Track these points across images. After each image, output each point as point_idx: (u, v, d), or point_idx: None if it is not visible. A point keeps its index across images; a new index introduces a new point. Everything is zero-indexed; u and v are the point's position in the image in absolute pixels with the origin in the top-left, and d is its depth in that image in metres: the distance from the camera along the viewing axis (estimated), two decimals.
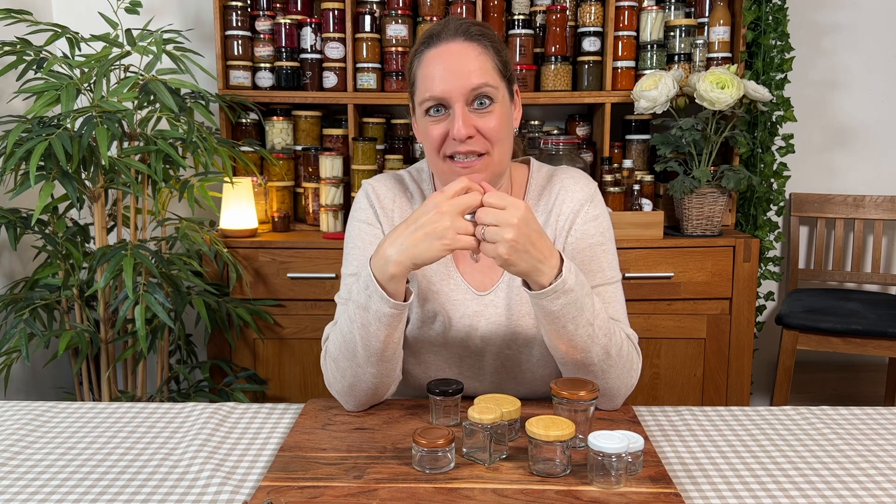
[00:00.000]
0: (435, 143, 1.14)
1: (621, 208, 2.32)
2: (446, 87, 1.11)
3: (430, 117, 1.14)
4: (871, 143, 2.72)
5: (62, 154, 1.73)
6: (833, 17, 2.66)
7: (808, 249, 2.78)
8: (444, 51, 1.13)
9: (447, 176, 1.15)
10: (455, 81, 1.11)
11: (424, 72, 1.14)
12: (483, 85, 1.12)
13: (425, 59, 1.15)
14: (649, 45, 2.39)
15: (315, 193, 2.42)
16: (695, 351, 2.24)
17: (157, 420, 1.16)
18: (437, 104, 1.13)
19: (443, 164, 1.15)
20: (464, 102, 1.12)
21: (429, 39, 1.16)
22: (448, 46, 1.13)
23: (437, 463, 0.95)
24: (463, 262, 1.24)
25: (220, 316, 2.11)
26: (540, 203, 1.26)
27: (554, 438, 0.90)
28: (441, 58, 1.13)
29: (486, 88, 1.12)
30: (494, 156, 1.14)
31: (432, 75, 1.13)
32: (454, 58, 1.12)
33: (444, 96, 1.12)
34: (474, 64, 1.12)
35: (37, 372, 2.39)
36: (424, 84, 1.14)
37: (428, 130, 1.15)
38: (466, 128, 1.11)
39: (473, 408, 0.97)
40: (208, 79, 2.50)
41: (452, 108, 1.12)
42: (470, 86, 1.11)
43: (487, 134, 1.13)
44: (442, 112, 1.13)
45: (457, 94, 1.11)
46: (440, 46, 1.14)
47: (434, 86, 1.12)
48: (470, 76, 1.11)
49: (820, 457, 1.03)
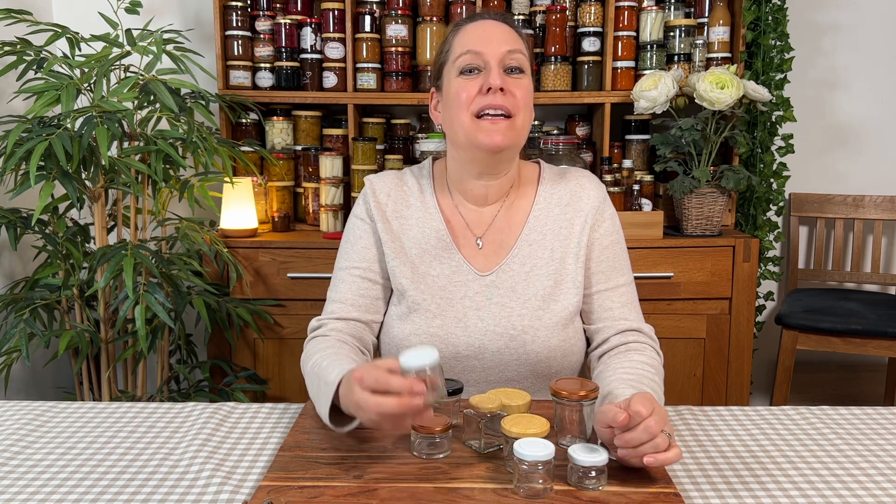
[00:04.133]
0: (467, 99, 1.19)
1: (621, 208, 2.32)
2: (484, 47, 1.19)
3: (465, 76, 1.21)
4: (870, 143, 2.73)
5: (62, 154, 1.73)
6: (833, 17, 2.66)
7: (807, 249, 2.78)
8: (482, 24, 1.24)
9: (473, 134, 1.19)
10: (493, 42, 1.20)
11: (462, 37, 1.23)
12: (517, 51, 1.21)
13: (464, 29, 1.24)
14: (649, 45, 2.39)
15: (315, 193, 2.42)
16: (694, 351, 2.25)
17: (157, 420, 1.16)
18: (473, 66, 1.20)
19: (470, 122, 1.20)
20: (499, 63, 1.19)
21: (468, 18, 1.26)
22: (487, 22, 1.24)
23: (435, 449, 0.98)
24: (465, 245, 1.27)
25: (220, 316, 2.11)
26: (553, 197, 1.30)
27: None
28: (479, 28, 1.23)
29: (519, 55, 1.21)
30: (517, 122, 1.20)
31: (471, 37, 1.22)
32: (491, 28, 1.22)
33: (482, 52, 1.19)
34: (511, 37, 1.22)
35: (37, 372, 2.39)
36: (462, 44, 1.22)
37: (461, 88, 1.20)
38: (502, 79, 1.18)
39: (475, 397, 1.00)
40: (208, 79, 2.50)
41: (488, 66, 1.19)
42: (506, 48, 1.20)
43: (517, 96, 1.20)
44: (476, 73, 1.20)
45: (494, 53, 1.19)
46: (480, 22, 1.24)
47: (472, 43, 1.20)
48: (506, 43, 1.20)
49: (820, 457, 1.03)
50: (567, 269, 1.25)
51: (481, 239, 1.27)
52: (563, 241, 1.26)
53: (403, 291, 1.24)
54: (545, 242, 1.26)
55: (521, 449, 0.87)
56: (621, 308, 1.26)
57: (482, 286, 1.24)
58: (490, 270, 1.25)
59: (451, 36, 1.26)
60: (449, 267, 1.25)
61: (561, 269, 1.25)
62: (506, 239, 1.27)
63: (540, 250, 1.26)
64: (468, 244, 1.27)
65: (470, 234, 1.28)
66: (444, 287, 1.24)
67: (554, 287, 1.24)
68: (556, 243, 1.26)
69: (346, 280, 1.27)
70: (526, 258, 1.25)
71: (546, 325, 1.22)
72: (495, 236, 1.27)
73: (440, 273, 1.25)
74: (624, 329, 1.25)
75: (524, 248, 1.26)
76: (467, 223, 1.28)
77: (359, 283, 1.27)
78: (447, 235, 1.27)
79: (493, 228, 1.28)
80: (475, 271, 1.25)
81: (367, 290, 1.27)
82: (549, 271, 1.24)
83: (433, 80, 1.29)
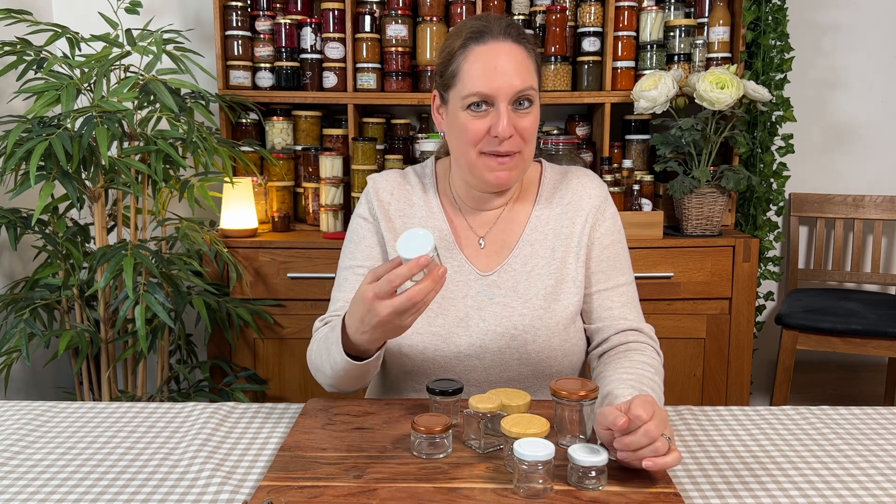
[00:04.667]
0: (473, 137, 1.17)
1: (621, 208, 2.32)
2: (494, 86, 1.14)
3: (472, 112, 1.17)
4: (870, 143, 2.73)
5: (62, 154, 1.73)
6: (833, 17, 2.66)
7: (807, 249, 2.78)
8: (494, 49, 1.16)
9: (479, 171, 1.19)
10: (504, 81, 1.14)
11: (471, 66, 1.16)
12: (528, 88, 1.16)
13: (472, 53, 1.16)
14: (649, 45, 2.39)
15: (315, 193, 2.42)
16: (694, 351, 2.25)
17: (157, 420, 1.16)
18: (480, 101, 1.15)
19: (477, 158, 1.19)
20: (508, 102, 1.15)
21: (476, 35, 1.17)
22: (497, 45, 1.16)
23: (435, 449, 0.98)
24: (467, 245, 1.27)
25: (220, 316, 2.11)
26: (555, 197, 1.30)
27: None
28: (490, 55, 1.15)
29: (529, 91, 1.16)
30: (525, 154, 1.20)
31: (480, 72, 1.15)
32: (503, 57, 1.15)
33: (492, 94, 1.14)
34: (521, 66, 1.16)
35: (37, 372, 2.39)
36: (471, 79, 1.15)
37: (468, 125, 1.17)
38: (510, 128, 1.15)
39: (475, 397, 1.00)
40: (208, 79, 2.50)
41: (497, 107, 1.15)
42: (517, 87, 1.14)
43: (523, 133, 1.17)
44: (483, 108, 1.16)
45: (504, 93, 1.14)
46: (489, 44, 1.16)
47: (482, 83, 1.14)
48: (517, 78, 1.14)
49: (820, 457, 1.03)
50: (568, 269, 1.25)
51: (483, 239, 1.28)
52: (565, 241, 1.26)
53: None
54: (546, 242, 1.26)
55: (521, 449, 0.87)
56: (621, 308, 1.26)
57: (484, 286, 1.24)
58: (492, 270, 1.25)
59: (458, 56, 1.17)
60: (451, 267, 1.25)
61: (562, 269, 1.25)
62: (508, 239, 1.27)
63: (541, 250, 1.26)
64: (470, 244, 1.28)
65: (472, 235, 1.28)
66: (445, 286, 1.24)
67: (555, 286, 1.24)
68: (558, 243, 1.26)
69: (351, 279, 1.27)
70: (528, 258, 1.25)
71: (547, 325, 1.22)
72: (497, 236, 1.28)
73: None
74: (624, 329, 1.25)
75: (526, 247, 1.26)
76: (469, 224, 1.29)
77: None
78: (450, 235, 1.27)
79: (496, 229, 1.28)
80: (477, 271, 1.25)
81: None
82: (551, 271, 1.25)
83: (436, 82, 1.25)
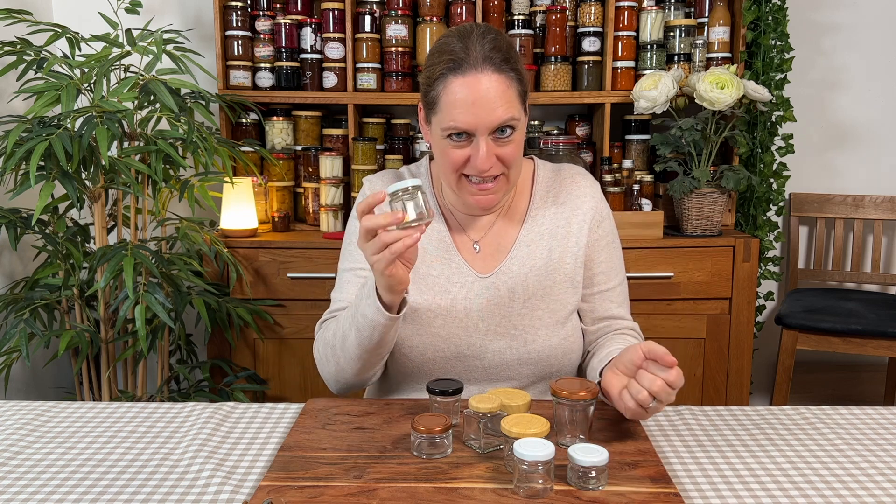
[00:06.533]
0: (453, 165, 1.16)
1: (621, 208, 2.32)
2: (472, 121, 1.11)
3: (452, 141, 1.14)
4: (870, 143, 2.73)
5: (62, 154, 1.73)
6: (833, 17, 2.66)
7: (807, 249, 2.78)
8: (472, 82, 1.11)
9: (461, 193, 1.20)
10: (482, 115, 1.11)
11: (450, 99, 1.12)
12: (509, 119, 1.13)
13: (451, 85, 1.12)
14: (649, 45, 2.39)
15: (315, 193, 2.42)
16: (694, 351, 2.24)
17: (157, 420, 1.16)
18: (461, 132, 1.13)
19: (458, 181, 1.18)
20: (487, 134, 1.13)
21: (454, 64, 1.12)
22: (476, 77, 1.11)
23: (435, 449, 0.98)
24: (462, 248, 1.27)
25: (220, 316, 2.11)
26: (549, 196, 1.30)
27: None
28: (468, 88, 1.10)
29: (510, 122, 1.13)
30: (510, 176, 1.18)
31: (458, 105, 1.11)
32: (482, 91, 1.10)
33: (470, 130, 1.12)
34: (502, 99, 1.11)
35: (37, 372, 2.39)
36: (450, 112, 1.12)
37: (447, 152, 1.16)
38: (489, 160, 1.13)
39: (475, 397, 1.00)
40: (208, 79, 2.50)
41: (476, 138, 1.13)
42: (496, 121, 1.12)
43: (505, 159, 1.15)
44: (464, 138, 1.14)
45: (483, 127, 1.12)
46: (468, 76, 1.11)
47: (460, 117, 1.11)
48: (497, 111, 1.11)
49: (820, 457, 1.03)
50: (565, 269, 1.25)
51: (478, 243, 1.28)
52: (561, 241, 1.26)
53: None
54: (542, 242, 1.26)
55: (521, 449, 0.87)
56: (618, 308, 1.30)
57: (482, 287, 1.24)
58: (489, 272, 1.25)
59: (438, 84, 1.13)
60: (449, 268, 1.25)
61: (559, 269, 1.25)
62: (503, 241, 1.27)
63: (537, 250, 1.26)
64: (466, 247, 1.28)
65: (467, 239, 1.28)
66: (444, 287, 1.24)
67: (552, 286, 1.24)
68: (554, 243, 1.26)
69: (351, 281, 1.28)
70: (524, 259, 1.25)
71: (546, 325, 1.23)
72: (492, 240, 1.28)
73: (440, 274, 1.25)
74: (620, 328, 1.29)
75: (522, 248, 1.26)
76: (464, 228, 1.29)
77: (362, 284, 1.27)
78: (448, 237, 1.27)
79: (491, 233, 1.28)
80: (475, 273, 1.25)
81: None
82: (548, 271, 1.25)
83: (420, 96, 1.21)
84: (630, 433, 1.05)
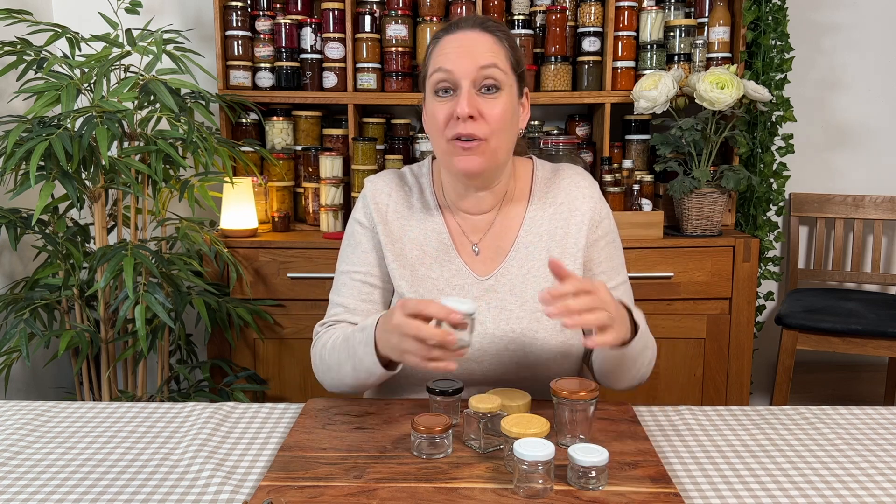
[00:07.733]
0: (440, 123, 1.17)
1: (621, 208, 2.32)
2: (455, 65, 1.15)
3: (439, 98, 1.18)
4: (870, 143, 2.73)
5: (62, 154, 1.73)
6: (833, 17, 2.66)
7: (807, 249, 2.78)
8: (460, 36, 1.19)
9: (448, 157, 1.19)
10: (465, 59, 1.15)
11: (438, 52, 1.19)
12: (491, 65, 1.15)
13: (441, 43, 1.20)
14: (649, 45, 2.39)
15: (315, 193, 2.42)
16: (694, 351, 2.24)
17: (157, 420, 1.16)
18: (446, 85, 1.16)
19: (446, 144, 1.18)
20: (471, 83, 1.15)
21: (447, 28, 1.21)
22: (465, 33, 1.19)
23: (435, 449, 0.98)
24: (462, 251, 1.27)
25: (220, 316, 2.11)
26: (548, 196, 1.29)
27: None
28: (456, 41, 1.18)
29: (493, 70, 1.15)
30: (492, 143, 1.17)
31: (445, 51, 1.18)
32: (468, 40, 1.17)
33: (453, 70, 1.15)
34: (487, 49, 1.17)
35: (37, 372, 2.39)
36: (436, 60, 1.18)
37: (435, 110, 1.18)
38: (470, 107, 1.14)
39: (475, 397, 1.01)
40: (208, 79, 2.50)
41: (459, 87, 1.15)
42: (478, 64, 1.15)
43: (490, 119, 1.15)
44: (450, 94, 1.17)
45: (465, 71, 1.15)
46: (457, 33, 1.19)
47: (444, 61, 1.16)
48: (480, 57, 1.15)
49: (820, 457, 1.03)
50: None
51: (477, 245, 1.27)
52: (560, 242, 1.26)
53: (402, 294, 1.25)
54: (541, 244, 1.26)
55: (521, 449, 0.87)
56: None
57: (481, 290, 1.24)
58: (488, 275, 1.25)
59: (430, 46, 1.23)
60: (448, 270, 1.25)
61: None
62: (502, 244, 1.27)
63: (537, 252, 1.26)
64: (465, 250, 1.27)
65: (466, 241, 1.28)
66: (443, 290, 1.24)
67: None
68: (553, 244, 1.26)
69: (348, 284, 1.28)
70: (523, 261, 1.25)
71: (545, 328, 1.22)
72: (491, 242, 1.27)
73: (440, 276, 1.25)
74: None
75: (521, 250, 1.26)
76: (463, 230, 1.28)
77: (359, 288, 1.27)
78: (448, 238, 1.27)
79: (489, 235, 1.28)
80: (474, 275, 1.25)
81: (368, 294, 1.27)
82: (547, 273, 1.24)
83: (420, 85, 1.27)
84: (630, 433, 1.05)
